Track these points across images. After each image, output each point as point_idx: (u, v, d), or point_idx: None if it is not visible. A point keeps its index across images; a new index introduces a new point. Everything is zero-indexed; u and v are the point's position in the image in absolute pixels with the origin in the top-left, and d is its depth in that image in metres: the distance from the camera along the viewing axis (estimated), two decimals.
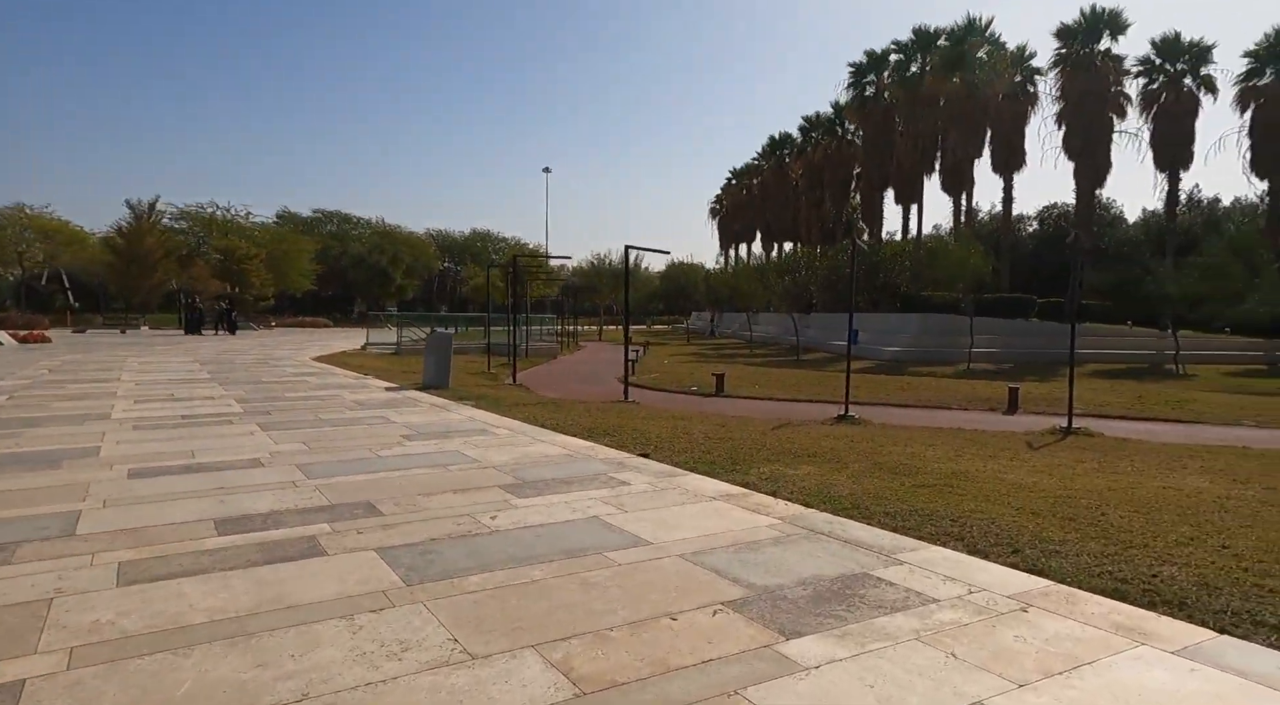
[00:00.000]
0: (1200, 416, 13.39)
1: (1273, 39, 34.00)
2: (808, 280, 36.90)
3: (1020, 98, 36.15)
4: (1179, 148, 34.02)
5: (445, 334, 16.32)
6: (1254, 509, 5.39)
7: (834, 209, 51.98)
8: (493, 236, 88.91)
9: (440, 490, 5.66)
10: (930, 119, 36.17)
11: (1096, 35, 33.19)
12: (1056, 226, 49.48)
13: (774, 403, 15.22)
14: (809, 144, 53.07)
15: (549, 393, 16.14)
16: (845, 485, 5.97)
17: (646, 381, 18.97)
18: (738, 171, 70.22)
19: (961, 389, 17.23)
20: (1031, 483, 6.29)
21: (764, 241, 66.26)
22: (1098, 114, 33.44)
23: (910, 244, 38.41)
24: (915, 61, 37.87)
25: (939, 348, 28.17)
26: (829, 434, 9.47)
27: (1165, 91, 34.24)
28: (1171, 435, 11.27)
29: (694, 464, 6.86)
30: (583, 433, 8.63)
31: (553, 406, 11.64)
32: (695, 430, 9.18)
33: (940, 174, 37.50)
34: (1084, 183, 34.65)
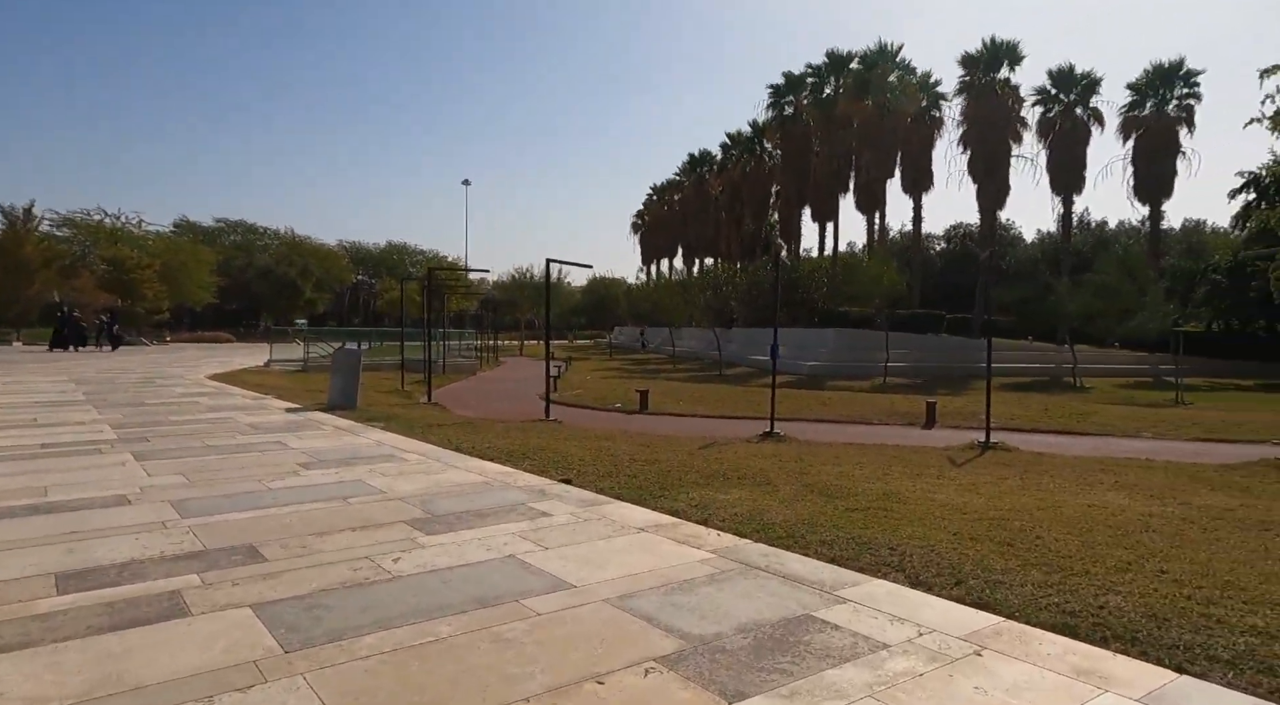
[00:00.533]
0: (1103, 429, 13.92)
1: (1151, 74, 36.68)
2: (729, 295, 37.22)
3: (927, 122, 37.71)
4: (1072, 173, 36.17)
5: (353, 350, 15.41)
6: (1177, 528, 5.40)
7: (753, 225, 52.89)
8: (409, 249, 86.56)
9: (337, 528, 5.06)
10: (845, 140, 37.27)
11: (997, 65, 35.01)
12: (962, 245, 51.84)
13: (699, 420, 15.01)
14: (729, 161, 53.93)
15: (466, 412, 15.44)
16: (778, 511, 5.69)
17: (569, 399, 18.47)
18: (659, 187, 70.77)
19: (879, 403, 17.49)
20: (962, 503, 6.18)
21: (685, 256, 66.86)
22: (998, 139, 35.20)
23: (827, 260, 39.33)
24: (829, 84, 39.02)
25: (855, 362, 28.78)
26: (757, 453, 9.25)
27: (1060, 120, 36.40)
28: (1080, 448, 11.61)
29: (620, 490, 6.46)
30: (501, 456, 8.10)
31: (469, 427, 11.04)
32: (620, 451, 8.79)
33: (855, 193, 38.66)
34: (986, 204, 36.36)
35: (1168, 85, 36.38)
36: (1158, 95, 36.54)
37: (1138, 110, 37.05)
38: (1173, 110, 36.35)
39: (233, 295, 66.75)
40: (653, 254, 74.77)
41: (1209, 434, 13.38)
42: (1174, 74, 36.31)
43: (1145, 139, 36.45)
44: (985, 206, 36.49)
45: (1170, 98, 36.36)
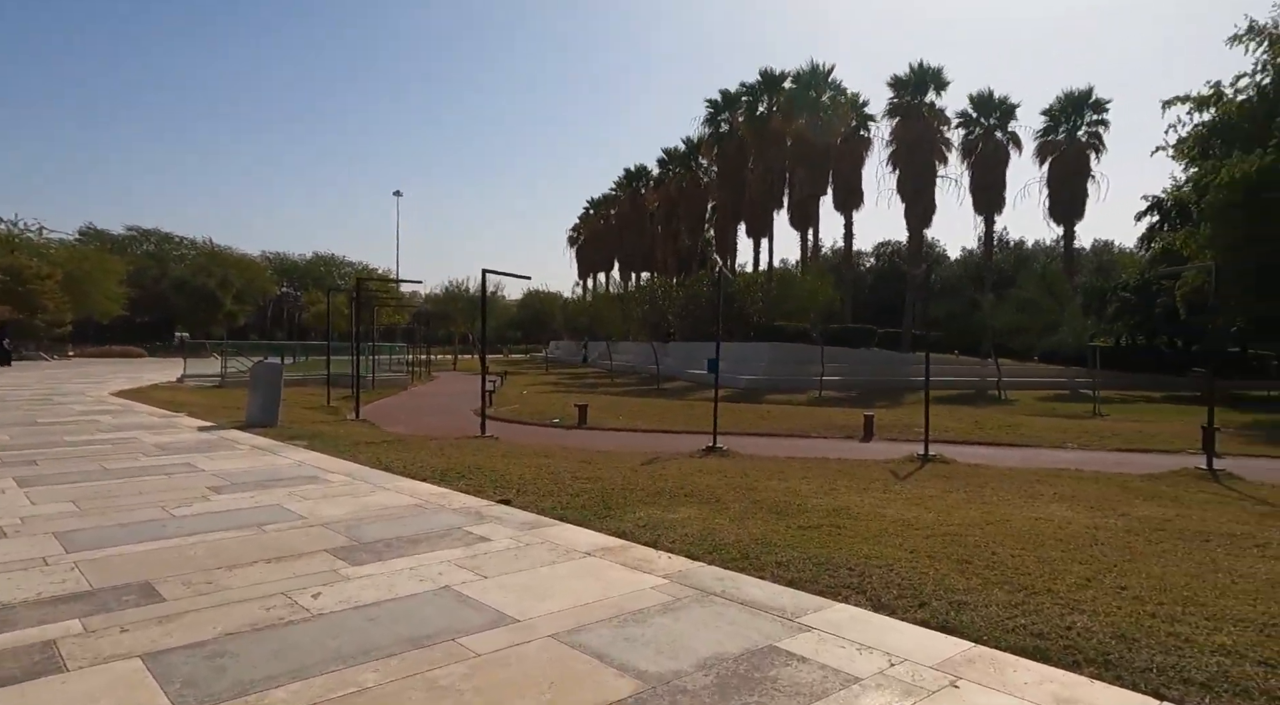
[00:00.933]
0: (1031, 440, 14.30)
1: (1063, 101, 38.68)
2: (666, 309, 37.24)
3: (857, 141, 38.77)
4: (993, 193, 37.72)
5: (273, 363, 14.56)
6: (1124, 540, 5.40)
7: (690, 240, 53.26)
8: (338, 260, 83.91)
9: (250, 560, 4.56)
10: (779, 157, 37.93)
11: (923, 89, 36.30)
12: (890, 262, 53.45)
13: (640, 434, 14.74)
14: (666, 176, 54.24)
15: (397, 429, 14.77)
16: (730, 531, 5.46)
17: (505, 414, 17.95)
18: (595, 201, 70.61)
19: (818, 417, 17.60)
20: (913, 518, 6.07)
21: (622, 271, 66.80)
22: (925, 160, 36.44)
23: (762, 275, 39.83)
24: (763, 102, 39.69)
25: (791, 376, 29.09)
26: (701, 468, 9.04)
27: (981, 142, 37.96)
28: (1013, 459, 11.85)
29: (562, 510, 6.12)
30: (434, 476, 7.64)
31: (400, 445, 10.48)
32: (561, 469, 8.43)
33: (789, 210, 39.35)
34: (914, 222, 37.53)
35: (1078, 112, 38.44)
36: (1069, 122, 38.55)
37: (1052, 135, 38.99)
38: (1083, 136, 38.40)
39: (145, 308, 63.25)
40: (589, 268, 74.48)
41: (1128, 444, 13.89)
42: (1084, 102, 38.40)
43: (1059, 163, 38.34)
44: (913, 225, 37.66)
45: (1081, 124, 38.42)
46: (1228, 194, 17.49)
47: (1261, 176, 16.83)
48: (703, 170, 49.96)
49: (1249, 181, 16.87)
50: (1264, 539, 5.53)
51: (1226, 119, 20.00)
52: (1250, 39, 18.80)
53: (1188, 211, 32.12)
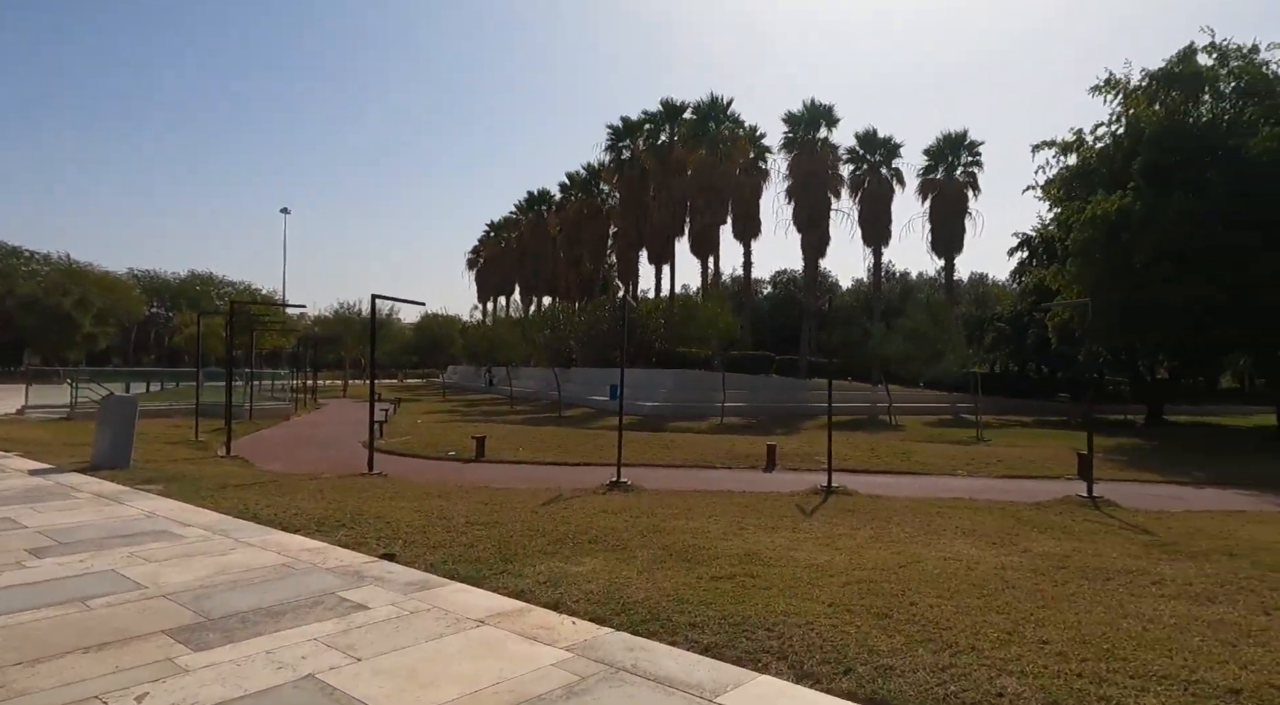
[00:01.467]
0: (925, 468, 14.70)
1: (942, 142, 41.22)
2: (567, 335, 36.76)
3: (756, 173, 39.88)
4: (880, 227, 39.59)
5: (125, 398, 13.12)
6: (1033, 582, 5.37)
7: (592, 266, 53.07)
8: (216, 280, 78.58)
9: (63, 649, 3.77)
10: (680, 186, 38.46)
11: (816, 125, 37.81)
12: (787, 291, 55.11)
13: (541, 468, 14.16)
14: (568, 201, 54.01)
15: (274, 466, 13.58)
16: (638, 585, 5.05)
17: (397, 446, 16.93)
18: (496, 224, 69.50)
19: (721, 445, 17.54)
20: (825, 562, 5.86)
21: (523, 295, 65.83)
22: (819, 193, 37.85)
23: (664, 302, 40.07)
24: (665, 131, 40.28)
25: (693, 402, 29.17)
26: (606, 507, 8.61)
27: (868, 178, 39.83)
28: (910, 489, 12.08)
29: (455, 565, 5.54)
30: (310, 526, 6.86)
31: (275, 487, 9.50)
32: (455, 512, 7.80)
33: (690, 238, 39.85)
34: (810, 253, 38.83)
35: (955, 153, 41.05)
36: (948, 161, 41.10)
37: (932, 173, 41.40)
38: (961, 175, 41.00)
39: None
40: (489, 291, 73.01)
41: (1012, 470, 14.51)
42: (960, 143, 41.07)
43: (939, 200, 40.72)
44: (809, 255, 38.94)
45: (958, 164, 41.03)
46: (1091, 232, 18.84)
47: (1120, 217, 18.25)
48: (604, 196, 50.06)
49: (1109, 221, 18.24)
50: (1157, 575, 5.64)
51: (1087, 163, 21.70)
52: (1108, 91, 20.57)
53: (1054, 248, 34.79)
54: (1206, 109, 19.80)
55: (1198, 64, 19.25)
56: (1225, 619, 4.53)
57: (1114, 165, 20.18)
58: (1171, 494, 12.19)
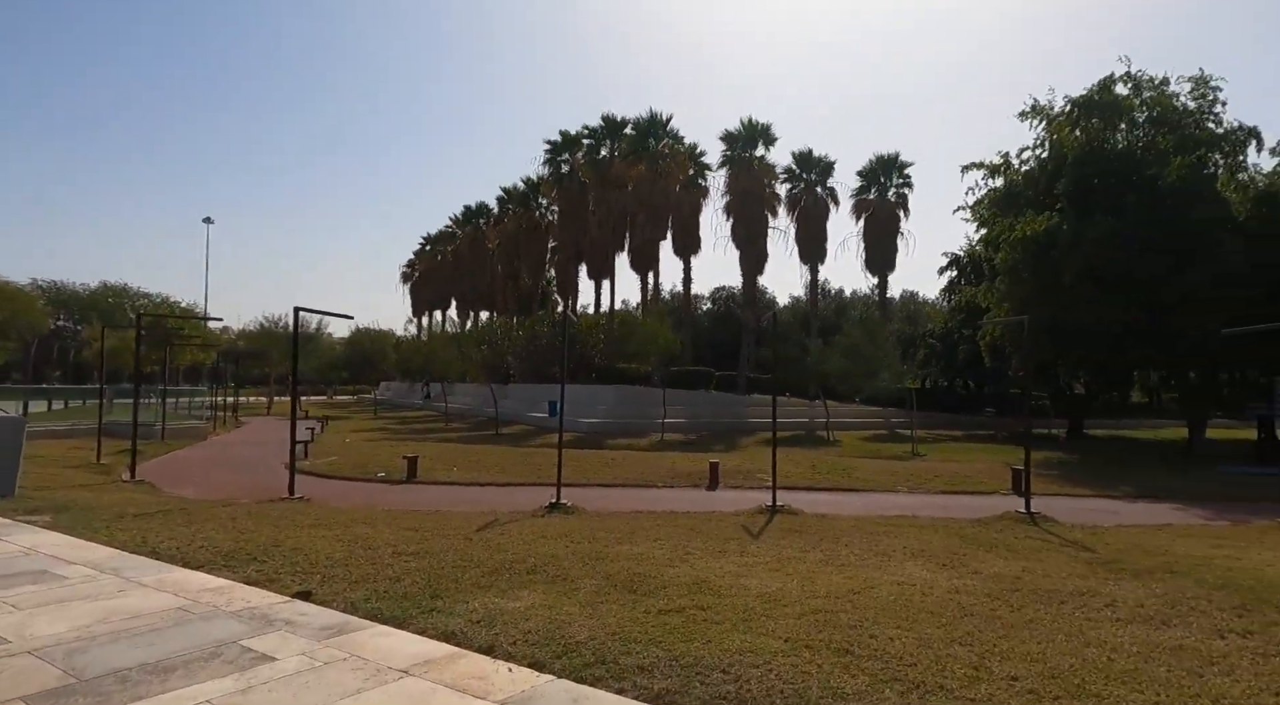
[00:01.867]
0: (866, 484, 14.72)
1: (874, 163, 42.33)
2: (505, 350, 36.05)
3: (695, 190, 40.09)
4: (816, 245, 40.29)
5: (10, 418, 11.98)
6: (989, 608, 5.20)
7: (530, 280, 52.40)
8: (130, 292, 74.38)
9: None
10: (620, 201, 38.32)
11: (754, 143, 38.30)
12: (725, 307, 55.49)
13: (476, 489, 13.57)
14: (506, 215, 53.29)
15: (184, 490, 12.64)
16: (581, 622, 4.66)
17: (322, 468, 16.03)
18: (432, 238, 68.07)
19: (663, 463, 17.25)
20: (777, 590, 5.59)
21: (459, 309, 64.57)
22: (757, 210, 38.28)
23: (604, 318, 39.76)
24: (605, 146, 40.15)
25: (633, 419, 28.86)
26: (545, 532, 8.17)
27: (804, 197, 40.54)
28: (854, 506, 12.01)
29: (378, 603, 5.04)
30: (216, 561, 6.21)
31: (181, 516, 8.72)
32: (381, 541, 7.24)
33: (630, 253, 39.70)
34: (748, 269, 39.16)
35: (888, 174, 42.20)
36: (880, 182, 42.21)
37: (866, 194, 42.44)
38: (892, 196, 42.15)
39: None
40: (424, 306, 71.36)
41: (950, 486, 14.65)
42: (892, 165, 42.25)
43: (873, 220, 41.74)
44: (747, 271, 39.27)
45: (890, 185, 42.18)
46: (1019, 252, 19.42)
47: (1046, 237, 18.87)
48: (543, 210, 49.56)
49: (1037, 241, 18.83)
50: (1109, 596, 5.56)
51: (1013, 185, 22.48)
52: (1033, 116, 21.37)
53: (981, 268, 36.01)
54: (1122, 136, 20.76)
55: (1115, 93, 20.18)
56: (1184, 645, 4.43)
57: (1039, 187, 20.93)
58: (1104, 508, 12.46)
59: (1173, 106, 19.80)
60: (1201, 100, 19.38)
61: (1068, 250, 18.05)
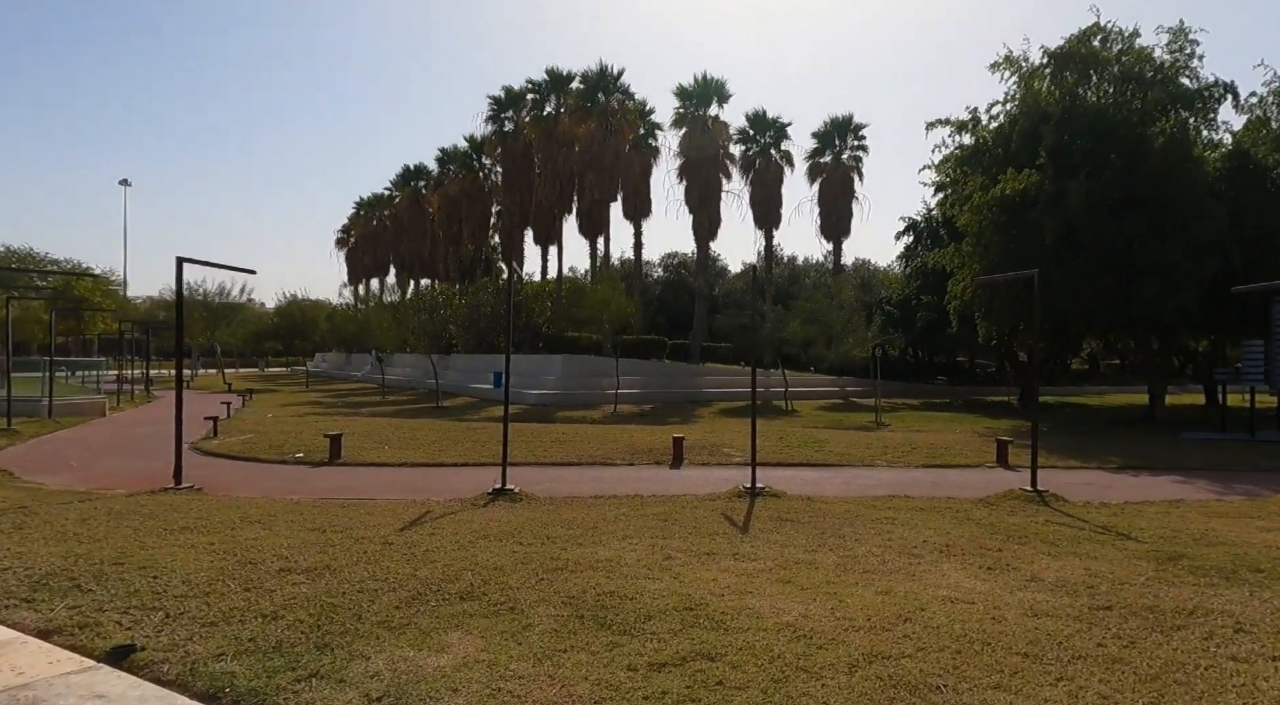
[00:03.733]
0: (841, 458, 13.50)
1: (829, 125, 41.08)
2: (447, 319, 33.95)
3: (646, 150, 38.17)
4: (771, 209, 38.92)
5: None
6: (1095, 644, 3.88)
7: (473, 246, 49.91)
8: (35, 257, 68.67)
9: None
10: (568, 160, 36.19)
11: (707, 100, 36.49)
12: (677, 273, 54.04)
13: (410, 471, 11.85)
14: (446, 177, 50.42)
15: (54, 478, 10.63)
16: (538, 692, 3.13)
17: (233, 448, 14.04)
18: (368, 201, 64.43)
19: (619, 438, 15.77)
20: (800, 618, 4.16)
21: (399, 277, 61.56)
22: (711, 173, 36.63)
23: (551, 284, 37.85)
24: (550, 102, 37.79)
25: (584, 390, 27.32)
26: (486, 529, 6.61)
27: (759, 159, 39.04)
28: (835, 484, 10.77)
29: (234, 661, 3.42)
30: (18, 593, 4.46)
31: (16, 517, 6.84)
32: (270, 551, 5.56)
33: (578, 217, 37.68)
34: (701, 234, 37.60)
35: (843, 137, 40.97)
36: (835, 146, 40.97)
37: (821, 157, 41.16)
38: (848, 159, 40.99)
39: None
40: (361, 273, 67.91)
41: (931, 459, 13.55)
42: (847, 127, 41.02)
43: (828, 184, 40.55)
44: (700, 237, 37.73)
45: (845, 148, 41.00)
46: (994, 212, 18.38)
47: (1023, 196, 17.85)
48: (487, 171, 46.95)
49: (1015, 200, 17.81)
50: (1226, 614, 4.32)
51: (982, 143, 21.41)
52: (1007, 67, 20.23)
53: (939, 233, 35.27)
54: (1095, 92, 19.79)
55: (1094, 46, 19.15)
56: None
57: (1010, 145, 19.90)
58: (1099, 481, 11.49)
59: (1150, 60, 18.88)
60: (1179, 53, 18.49)
61: (1048, 210, 17.06)
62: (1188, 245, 16.60)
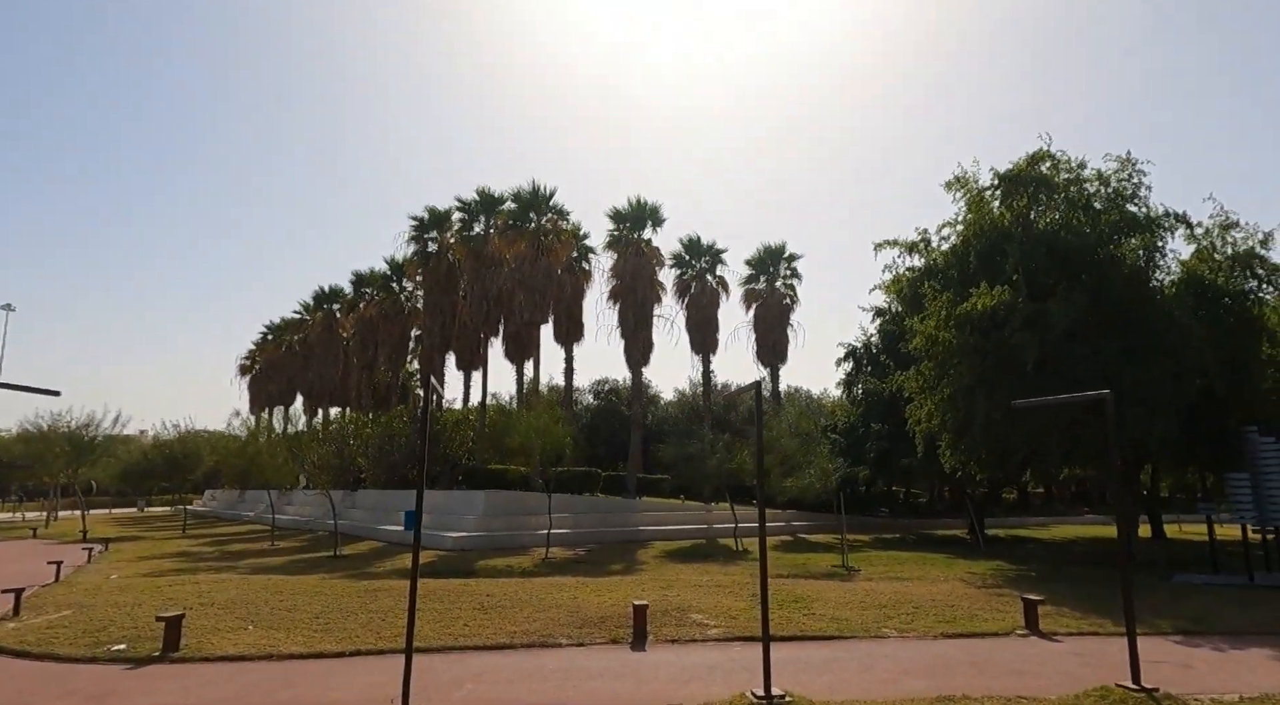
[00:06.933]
0: (839, 627, 10.87)
1: (764, 253, 41.20)
2: (355, 451, 30.31)
3: (579, 273, 36.89)
4: (708, 334, 37.78)
5: None
6: None
7: (389, 371, 46.63)
8: None
9: None
10: (496, 281, 34.31)
11: (642, 224, 35.88)
12: (609, 401, 51.76)
13: (273, 668, 8.51)
14: (361, 299, 47.87)
15: None
16: None
17: (27, 636, 10.21)
18: (277, 326, 60.85)
19: (559, 600, 12.72)
20: None
21: (307, 405, 57.10)
22: (645, 296, 35.43)
23: (474, 412, 34.86)
24: (480, 221, 36.40)
25: (510, 531, 23.98)
26: None
27: (694, 283, 38.31)
28: (854, 672, 8.15)
29: None
30: None
31: None
32: None
33: (505, 340, 35.43)
34: (635, 359, 35.85)
35: (775, 264, 41.05)
36: (769, 272, 40.93)
37: (755, 283, 40.95)
38: (781, 286, 40.87)
39: None
40: (265, 401, 62.94)
41: (945, 624, 11.08)
42: (780, 255, 41.21)
43: (763, 309, 40.05)
44: (634, 362, 35.94)
45: (779, 275, 40.96)
46: (964, 333, 17.15)
47: (991, 317, 16.72)
48: (408, 294, 44.66)
49: (985, 319, 16.64)
50: None
51: (933, 265, 20.68)
52: (958, 187, 19.84)
53: (878, 360, 34.60)
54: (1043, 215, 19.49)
55: (1043, 171, 18.99)
56: None
57: (968, 265, 19.13)
58: (1174, 657, 9.17)
59: (1105, 186, 18.76)
60: (1127, 182, 18.44)
61: (1024, 331, 15.87)
62: (1171, 371, 15.59)
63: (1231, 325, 17.54)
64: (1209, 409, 17.59)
